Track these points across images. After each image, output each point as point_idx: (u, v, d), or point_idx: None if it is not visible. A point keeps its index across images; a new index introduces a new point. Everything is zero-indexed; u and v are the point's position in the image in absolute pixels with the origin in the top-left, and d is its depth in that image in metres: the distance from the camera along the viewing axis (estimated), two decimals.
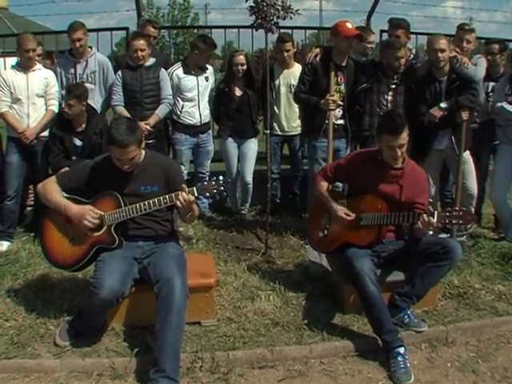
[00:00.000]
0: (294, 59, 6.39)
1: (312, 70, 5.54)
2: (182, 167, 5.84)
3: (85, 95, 5.29)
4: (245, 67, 5.97)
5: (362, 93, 5.46)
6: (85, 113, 5.32)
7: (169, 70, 6.02)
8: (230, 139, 6.18)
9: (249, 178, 6.21)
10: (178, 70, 6.08)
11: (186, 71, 6.07)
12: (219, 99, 6.14)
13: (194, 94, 6.09)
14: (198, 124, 6.16)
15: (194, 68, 6.08)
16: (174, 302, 3.42)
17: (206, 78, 6.20)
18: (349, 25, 5.31)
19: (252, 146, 6.23)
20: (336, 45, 5.46)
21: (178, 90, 6.03)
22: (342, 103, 5.52)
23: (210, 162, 6.45)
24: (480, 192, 5.85)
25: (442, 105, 5.21)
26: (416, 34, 6.98)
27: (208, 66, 6.28)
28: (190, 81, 6.07)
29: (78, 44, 5.71)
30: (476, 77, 5.31)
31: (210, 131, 6.45)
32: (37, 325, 3.91)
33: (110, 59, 6.42)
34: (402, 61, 5.35)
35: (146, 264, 3.74)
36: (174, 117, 6.13)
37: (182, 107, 6.07)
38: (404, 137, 3.91)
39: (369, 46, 6.19)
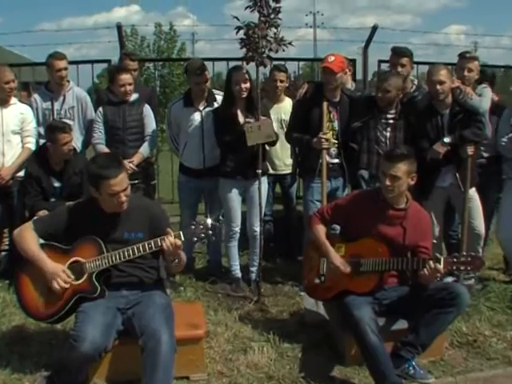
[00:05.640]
0: (285, 93, 6.45)
1: (303, 106, 5.62)
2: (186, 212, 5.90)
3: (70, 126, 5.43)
4: (248, 85, 5.41)
5: (358, 130, 5.47)
6: None
7: (169, 104, 5.97)
8: (230, 181, 5.63)
9: (257, 225, 5.64)
10: (178, 103, 5.91)
11: (187, 104, 5.79)
12: (221, 127, 5.53)
13: (196, 132, 5.75)
14: (201, 167, 5.78)
15: (197, 100, 5.77)
16: (161, 356, 3.43)
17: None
18: (330, 57, 5.38)
19: (261, 187, 5.44)
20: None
21: (178, 127, 5.86)
22: (336, 141, 5.56)
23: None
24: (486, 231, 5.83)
25: (446, 139, 5.22)
26: (417, 63, 7.03)
27: (218, 94, 5.83)
28: (191, 116, 5.75)
29: (64, 73, 5.83)
30: (481, 108, 5.32)
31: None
32: (11, 381, 3.87)
33: (91, 92, 6.47)
34: (391, 94, 5.34)
35: (131, 315, 3.75)
36: (179, 158, 6.01)
37: (185, 145, 5.85)
38: (399, 168, 4.01)
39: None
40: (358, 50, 8.44)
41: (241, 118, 5.50)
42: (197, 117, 5.76)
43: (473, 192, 5.47)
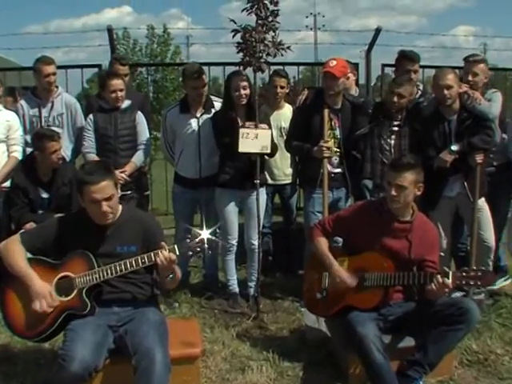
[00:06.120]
0: (285, 99, 6.44)
1: (303, 114, 5.62)
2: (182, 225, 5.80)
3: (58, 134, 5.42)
4: (248, 91, 5.40)
5: (361, 137, 5.49)
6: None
7: (165, 111, 5.96)
8: (227, 192, 5.63)
9: (255, 238, 5.63)
10: (174, 110, 5.91)
11: (184, 111, 5.80)
12: (221, 134, 5.54)
13: (193, 140, 5.73)
14: (197, 177, 5.79)
15: (194, 106, 5.77)
16: (155, 376, 3.41)
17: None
18: (332, 62, 5.37)
19: (260, 198, 5.43)
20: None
21: (174, 134, 5.87)
22: (337, 150, 5.55)
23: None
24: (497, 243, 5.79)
25: (453, 147, 5.21)
26: (423, 67, 7.02)
27: (216, 101, 5.85)
28: (188, 122, 5.75)
29: (52, 79, 5.82)
30: (490, 114, 5.30)
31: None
32: None
33: (80, 98, 6.45)
34: (405, 100, 5.38)
35: (123, 333, 3.73)
36: (174, 167, 6.01)
37: (181, 153, 5.86)
38: (406, 178, 4.02)
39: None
40: (360, 53, 8.49)
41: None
42: (193, 124, 5.75)
43: (482, 202, 5.45)
